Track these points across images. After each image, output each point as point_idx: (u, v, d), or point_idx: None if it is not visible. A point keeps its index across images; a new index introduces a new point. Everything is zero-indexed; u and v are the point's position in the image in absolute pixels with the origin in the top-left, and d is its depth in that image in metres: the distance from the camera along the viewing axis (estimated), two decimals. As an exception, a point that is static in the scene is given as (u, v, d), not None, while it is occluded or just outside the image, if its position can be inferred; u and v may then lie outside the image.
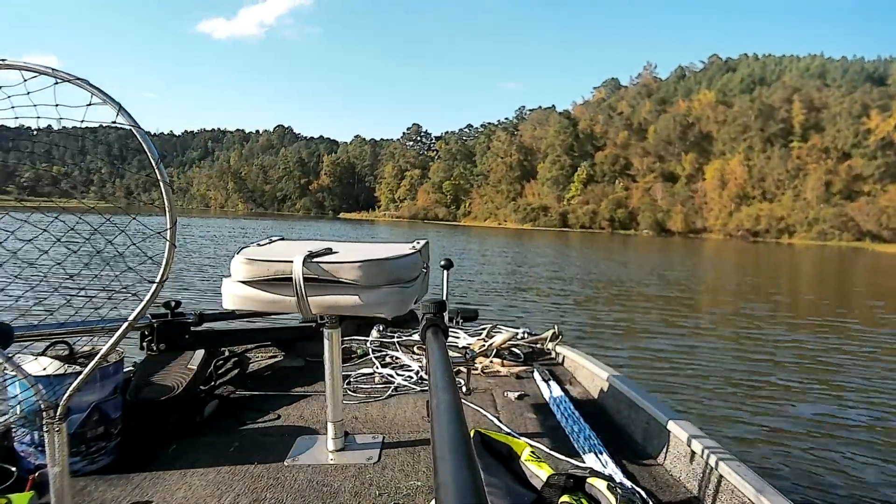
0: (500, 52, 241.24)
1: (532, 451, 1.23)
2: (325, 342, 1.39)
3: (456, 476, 0.38)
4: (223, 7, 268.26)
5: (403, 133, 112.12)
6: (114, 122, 0.87)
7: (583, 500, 1.05)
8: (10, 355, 0.97)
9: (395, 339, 2.34)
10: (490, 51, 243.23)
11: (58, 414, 0.90)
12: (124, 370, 1.49)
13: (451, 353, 0.96)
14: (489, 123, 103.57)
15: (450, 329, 2.38)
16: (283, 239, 1.47)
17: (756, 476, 1.08)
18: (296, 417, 1.68)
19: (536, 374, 2.11)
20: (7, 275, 0.94)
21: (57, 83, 0.86)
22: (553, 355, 2.39)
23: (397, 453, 1.44)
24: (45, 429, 0.90)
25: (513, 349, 2.36)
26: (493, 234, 45.54)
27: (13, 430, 1.27)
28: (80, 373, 0.92)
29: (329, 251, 1.27)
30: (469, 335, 2.46)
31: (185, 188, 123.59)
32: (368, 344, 2.30)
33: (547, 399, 1.87)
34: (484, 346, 2.29)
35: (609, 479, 1.08)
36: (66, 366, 1.27)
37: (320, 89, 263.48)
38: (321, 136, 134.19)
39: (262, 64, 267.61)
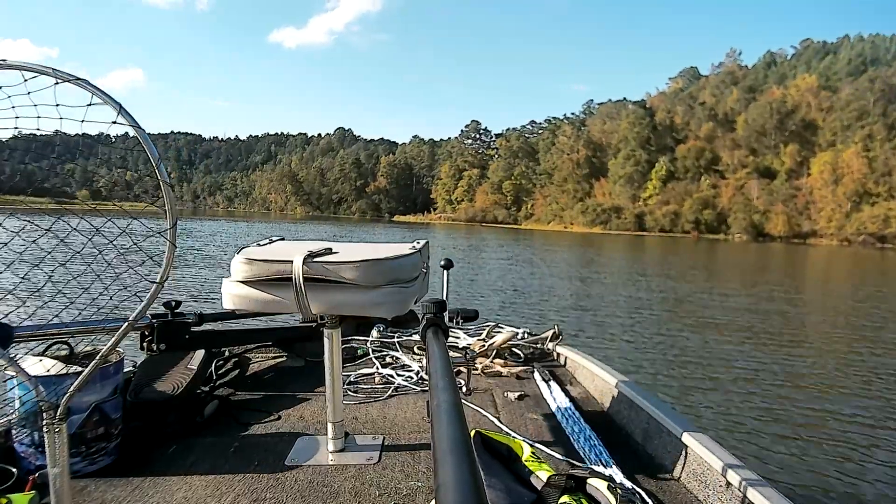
0: (565, 52, 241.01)
1: (532, 452, 1.28)
2: (326, 342, 1.48)
3: (456, 477, 0.42)
4: (294, 16, 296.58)
5: (461, 130, 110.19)
6: (114, 122, 0.98)
7: (583, 501, 1.08)
8: (10, 356, 1.07)
9: (396, 340, 2.46)
10: (555, 52, 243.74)
11: (58, 414, 0.99)
12: (124, 370, 1.62)
13: (451, 354, 1.02)
14: (554, 118, 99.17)
15: (450, 329, 2.46)
16: (283, 239, 1.59)
17: (757, 477, 1.09)
18: (296, 418, 1.79)
19: (537, 375, 2.19)
20: (7, 275, 1.07)
21: (57, 83, 0.95)
22: (553, 355, 2.48)
23: (397, 454, 1.52)
24: (45, 429, 0.99)
25: (513, 349, 2.45)
26: (558, 240, 43.28)
27: (13, 430, 1.39)
28: (81, 373, 1.02)
29: (329, 251, 1.36)
30: (469, 335, 2.57)
31: (247, 191, 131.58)
32: (369, 344, 2.42)
33: (547, 399, 1.94)
34: (484, 346, 2.39)
35: (609, 479, 1.12)
36: (67, 366, 1.39)
37: (383, 92, 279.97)
38: (381, 139, 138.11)
39: (327, 69, 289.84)
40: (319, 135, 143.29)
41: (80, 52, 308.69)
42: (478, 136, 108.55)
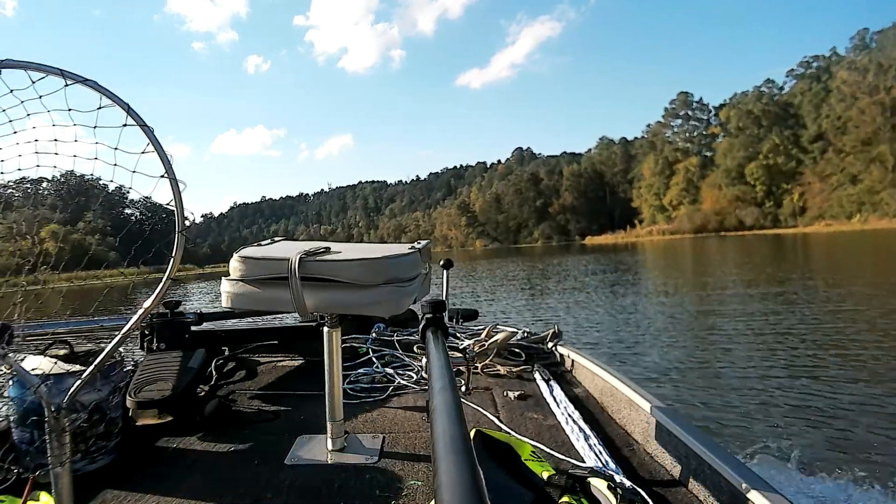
0: (752, 40, 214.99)
1: (532, 451, 1.28)
2: (325, 342, 1.47)
3: (455, 476, 0.41)
4: (477, 58, 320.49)
5: (665, 108, 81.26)
6: (125, 125, 0.97)
7: (583, 500, 1.09)
8: (10, 355, 1.07)
9: (396, 339, 2.46)
10: (745, 39, 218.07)
11: (59, 413, 0.98)
12: (124, 369, 1.61)
13: (451, 353, 1.02)
14: (815, 56, 65.46)
15: (450, 329, 2.46)
16: (285, 239, 1.58)
17: (758, 477, 1.10)
18: (296, 417, 1.78)
19: (537, 374, 2.19)
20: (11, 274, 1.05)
21: (67, 85, 0.94)
22: (555, 355, 2.47)
23: (397, 453, 1.51)
24: (46, 428, 0.98)
25: (513, 349, 2.44)
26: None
27: (14, 429, 1.37)
28: (82, 372, 1.01)
29: (327, 251, 1.36)
30: (469, 335, 2.56)
31: (429, 230, 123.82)
32: (369, 343, 2.42)
33: (547, 399, 1.93)
34: (484, 345, 2.38)
35: (609, 478, 1.12)
36: (68, 365, 1.38)
37: (564, 106, 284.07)
38: (563, 153, 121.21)
39: (510, 98, 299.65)
40: (499, 161, 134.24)
41: (303, 128, 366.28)
42: (690, 112, 78.09)
